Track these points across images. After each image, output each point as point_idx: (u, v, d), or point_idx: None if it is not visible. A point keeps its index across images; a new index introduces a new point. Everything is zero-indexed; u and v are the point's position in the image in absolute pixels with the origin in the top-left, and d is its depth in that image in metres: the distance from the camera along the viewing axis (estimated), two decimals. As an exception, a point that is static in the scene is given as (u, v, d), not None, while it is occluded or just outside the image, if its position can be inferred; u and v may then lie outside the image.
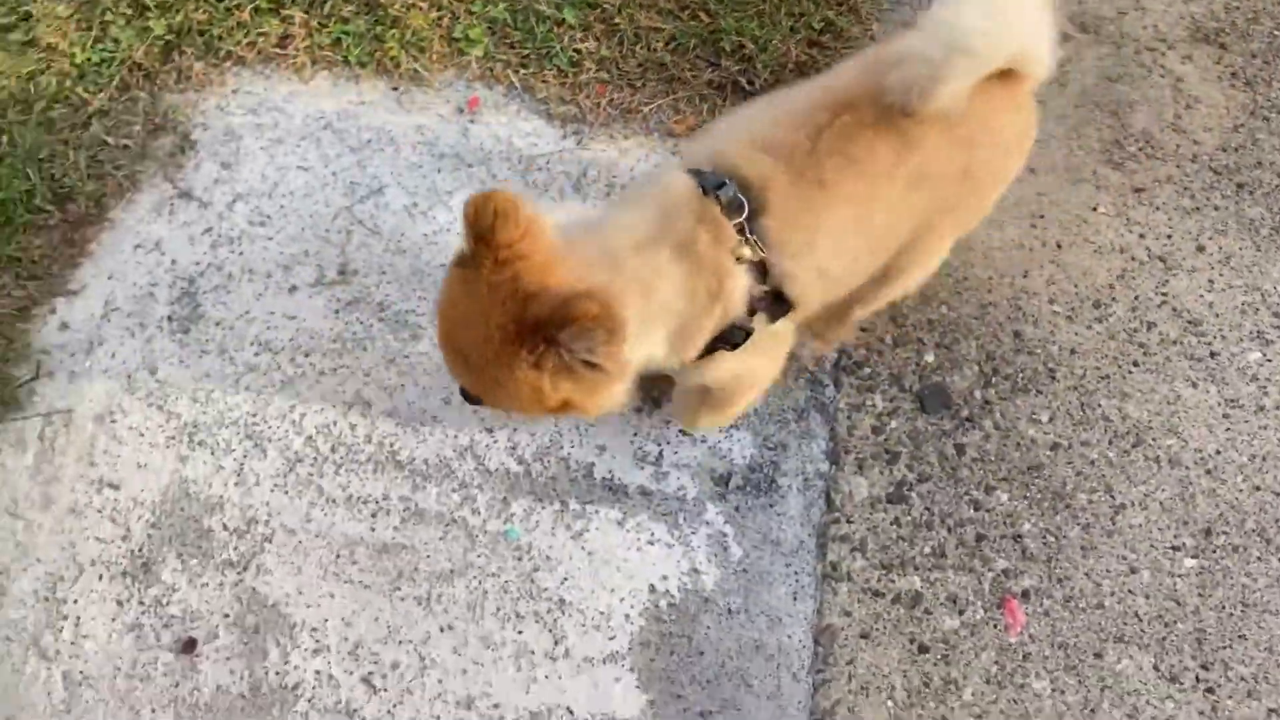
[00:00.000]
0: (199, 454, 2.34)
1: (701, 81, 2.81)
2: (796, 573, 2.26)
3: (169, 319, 2.49)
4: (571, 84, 2.80)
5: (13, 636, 2.16)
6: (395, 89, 2.79)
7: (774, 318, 1.86)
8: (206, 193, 2.64)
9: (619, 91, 2.81)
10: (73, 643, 2.16)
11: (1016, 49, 1.80)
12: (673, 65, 2.83)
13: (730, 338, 1.84)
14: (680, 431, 2.38)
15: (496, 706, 2.14)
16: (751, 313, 1.82)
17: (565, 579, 2.25)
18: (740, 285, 1.78)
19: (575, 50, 2.82)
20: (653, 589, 2.25)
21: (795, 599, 2.23)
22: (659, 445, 2.37)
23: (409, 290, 2.54)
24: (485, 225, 1.55)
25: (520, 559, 2.27)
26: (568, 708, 2.14)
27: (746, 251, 1.75)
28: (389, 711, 2.12)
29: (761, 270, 1.78)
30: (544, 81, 2.80)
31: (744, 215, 1.74)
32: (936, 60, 1.70)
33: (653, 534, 2.29)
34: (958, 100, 1.74)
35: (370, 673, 2.16)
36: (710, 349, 1.85)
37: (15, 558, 2.23)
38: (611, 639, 2.20)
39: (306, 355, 2.46)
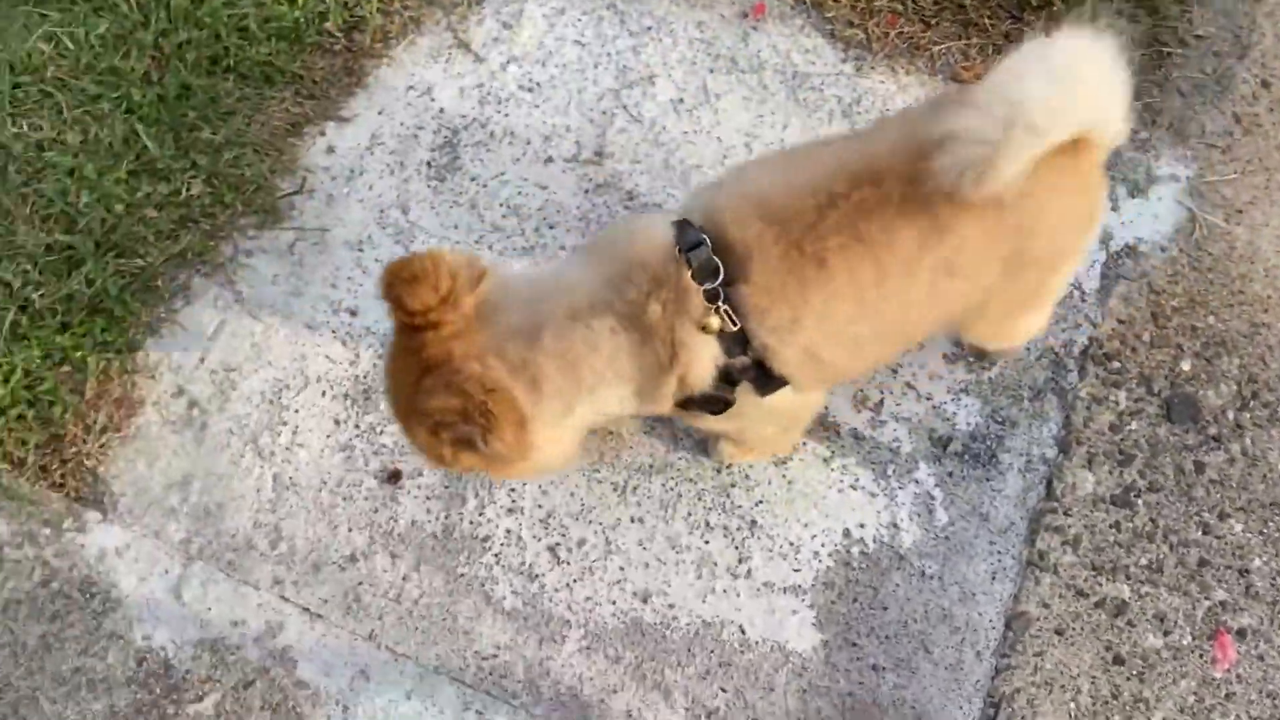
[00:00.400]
0: (434, 299, 2.38)
1: (999, 31, 2.67)
2: (1000, 553, 2.17)
3: (428, 164, 2.53)
4: (863, 9, 2.69)
5: (235, 430, 2.26)
6: (684, -19, 2.74)
7: (763, 391, 1.68)
8: (484, 49, 2.66)
9: (910, 25, 2.69)
10: (287, 448, 2.25)
11: (1087, 120, 1.53)
12: (971, 9, 2.69)
13: (706, 405, 1.70)
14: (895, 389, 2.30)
15: (671, 606, 2.14)
16: (733, 383, 1.67)
17: (760, 502, 2.22)
18: (702, 358, 1.62)
19: (874, -25, 2.71)
20: (847, 533, 2.19)
21: (994, 578, 2.15)
22: (881, 393, 2.30)
23: (659, 184, 2.52)
24: (394, 293, 1.55)
25: (719, 471, 2.24)
26: (740, 626, 2.12)
27: (714, 322, 1.58)
28: (568, 584, 2.15)
29: (743, 341, 1.61)
30: (836, 1, 2.70)
31: (718, 282, 1.57)
32: (994, 140, 1.44)
33: (857, 479, 2.23)
34: (1016, 182, 1.49)
35: (557, 544, 2.18)
36: (687, 406, 1.72)
37: (249, 357, 2.33)
38: (796, 571, 2.16)
39: (551, 227, 2.47)
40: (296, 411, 2.28)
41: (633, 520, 2.20)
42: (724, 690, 2.08)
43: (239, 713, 2.03)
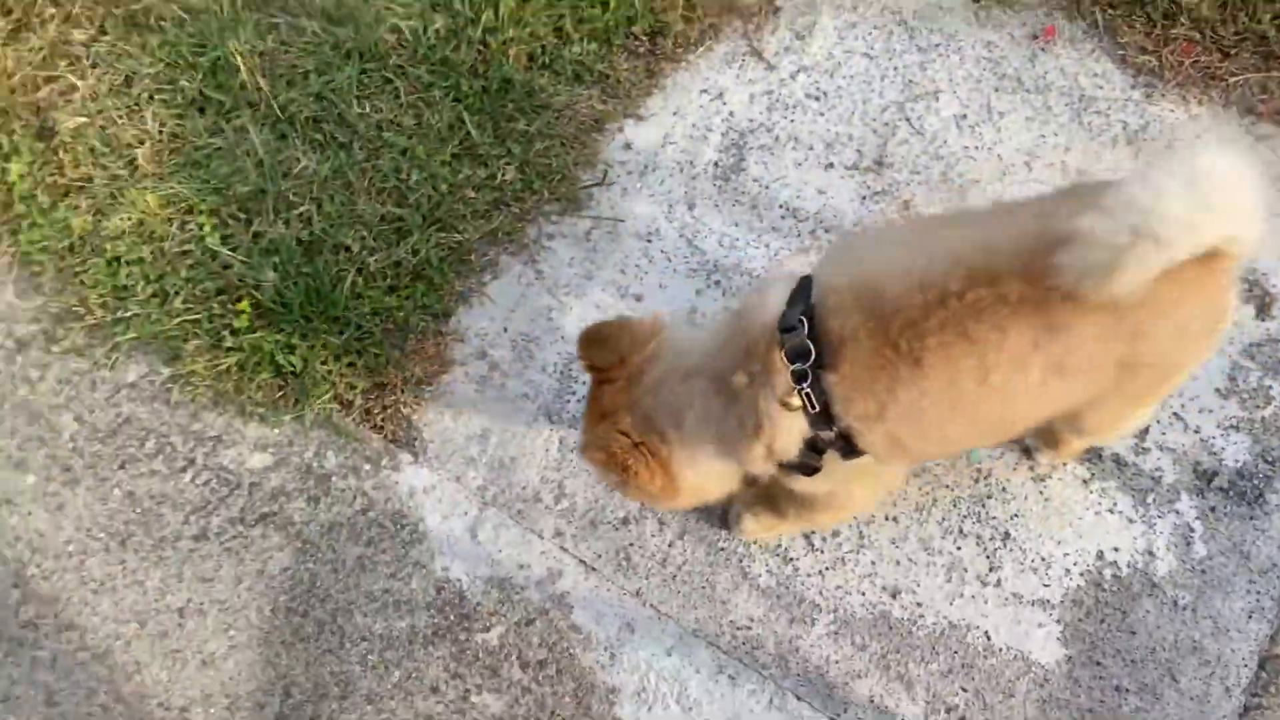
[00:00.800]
0: (714, 292, 2.56)
1: (1304, 65, 2.61)
2: (1259, 593, 2.17)
3: (715, 164, 2.71)
4: (1158, 36, 2.69)
5: (530, 395, 2.51)
6: (976, 1, 2.80)
7: (849, 457, 1.76)
8: (776, 57, 2.81)
9: (1207, 54, 2.66)
10: (574, 416, 2.48)
11: (1219, 238, 1.47)
12: (1275, 41, 2.64)
13: (798, 469, 1.81)
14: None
15: (919, 605, 2.24)
16: (820, 451, 1.75)
17: (1015, 515, 2.29)
18: (788, 431, 1.73)
19: (1173, 2, 2.69)
20: (1100, 555, 2.24)
21: (1250, 617, 2.15)
22: (1148, 420, 2.32)
23: (936, 195, 2.61)
24: (585, 353, 1.88)
25: (977, 482, 2.33)
26: (986, 632, 2.21)
27: (795, 401, 1.67)
28: (821, 571, 2.29)
29: (829, 418, 1.69)
30: (1130, 26, 2.71)
31: (808, 363, 1.64)
32: (1121, 246, 1.42)
33: (1116, 504, 2.27)
34: (1138, 289, 1.46)
35: (813, 531, 2.32)
36: (783, 468, 1.82)
37: (545, 330, 2.57)
38: (1046, 586, 2.23)
39: (826, 231, 2.60)
40: (583, 384, 2.50)
41: (887, 519, 2.32)
42: (964, 690, 2.18)
43: (520, 646, 2.28)
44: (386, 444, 2.48)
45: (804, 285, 1.72)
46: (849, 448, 1.75)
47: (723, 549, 2.33)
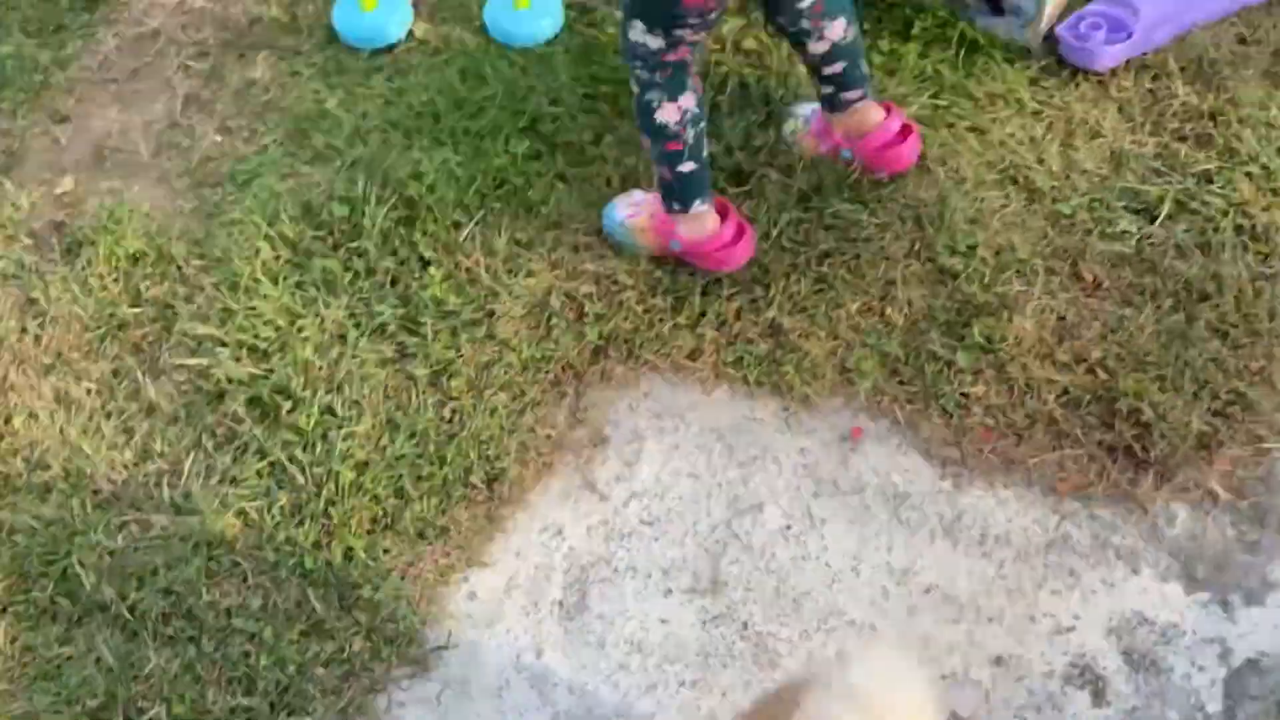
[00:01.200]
0: (566, 745, 2.57)
1: (1092, 441, 2.79)
2: None
3: (559, 604, 2.78)
4: (956, 426, 2.87)
5: None
6: (785, 409, 2.99)
7: None
8: (607, 487, 2.94)
9: (1003, 439, 2.84)
10: None
11: None
12: (1063, 420, 2.83)
13: None
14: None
15: None
16: None
17: None
18: None
19: (963, 394, 2.90)
20: None
21: None
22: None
23: (771, 613, 2.68)
24: None
25: None
26: None
27: None
28: None
29: None
30: (928, 420, 2.90)
31: None
32: None
33: None
34: None
35: None
36: None
37: (403, 808, 2.55)
38: None
39: (671, 663, 2.65)
40: None
41: None
42: None
43: None
44: None
45: None
46: None
47: None
